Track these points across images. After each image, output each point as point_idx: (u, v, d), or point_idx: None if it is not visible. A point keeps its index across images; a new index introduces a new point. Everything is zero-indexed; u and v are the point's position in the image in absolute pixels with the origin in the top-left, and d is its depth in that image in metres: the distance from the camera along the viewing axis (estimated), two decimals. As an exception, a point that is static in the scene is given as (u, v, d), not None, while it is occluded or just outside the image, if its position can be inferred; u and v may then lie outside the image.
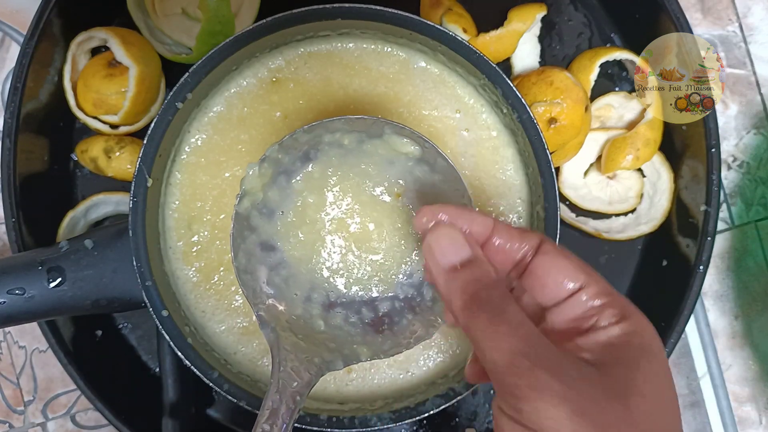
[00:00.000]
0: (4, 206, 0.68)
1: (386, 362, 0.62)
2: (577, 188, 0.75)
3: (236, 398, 0.58)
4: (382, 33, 0.62)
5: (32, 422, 0.79)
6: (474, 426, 0.75)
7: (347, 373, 0.62)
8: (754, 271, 0.78)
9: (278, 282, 0.48)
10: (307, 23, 0.60)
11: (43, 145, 0.74)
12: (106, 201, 0.73)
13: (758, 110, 0.79)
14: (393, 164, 0.49)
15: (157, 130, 0.58)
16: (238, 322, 0.62)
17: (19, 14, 0.81)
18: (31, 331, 0.79)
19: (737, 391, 0.78)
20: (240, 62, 0.62)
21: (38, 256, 0.59)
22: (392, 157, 0.48)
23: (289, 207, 0.49)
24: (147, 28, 0.72)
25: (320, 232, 0.49)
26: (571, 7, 0.77)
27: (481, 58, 0.59)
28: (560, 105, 0.67)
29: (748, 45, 0.80)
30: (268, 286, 0.47)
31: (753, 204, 0.79)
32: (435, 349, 0.63)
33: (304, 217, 0.49)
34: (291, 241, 0.49)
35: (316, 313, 0.48)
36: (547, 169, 0.59)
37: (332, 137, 0.48)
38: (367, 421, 0.58)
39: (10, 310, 0.58)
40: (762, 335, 0.78)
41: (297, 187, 0.49)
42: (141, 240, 0.58)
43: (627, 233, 0.73)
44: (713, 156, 0.68)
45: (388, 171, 0.49)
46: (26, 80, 0.68)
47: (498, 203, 0.63)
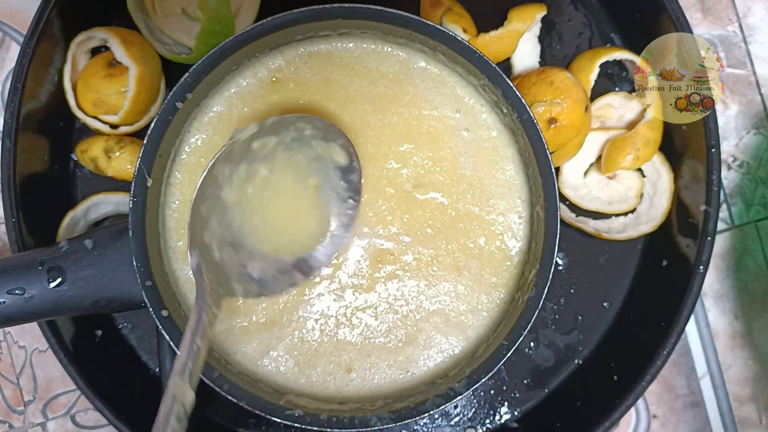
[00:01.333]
0: (4, 206, 0.68)
1: (386, 362, 0.63)
2: (577, 188, 0.75)
3: (236, 398, 0.58)
4: (382, 33, 0.62)
5: (32, 422, 0.79)
6: (474, 426, 0.75)
7: (347, 372, 0.62)
8: (754, 271, 0.78)
9: (218, 225, 0.56)
10: (307, 23, 0.60)
11: (43, 145, 0.74)
12: (106, 201, 0.73)
13: (758, 110, 0.79)
14: (321, 162, 0.59)
15: (157, 130, 0.58)
16: (237, 321, 0.62)
17: (19, 14, 0.81)
18: (31, 331, 0.79)
19: (737, 392, 0.78)
20: (240, 62, 0.62)
21: (38, 256, 0.59)
22: (323, 156, 0.59)
23: (245, 169, 0.57)
24: (147, 28, 0.72)
25: (260, 196, 0.58)
26: (571, 7, 0.77)
27: (481, 58, 0.59)
28: (560, 105, 0.67)
29: (748, 45, 0.80)
30: (212, 227, 0.55)
31: (753, 204, 0.79)
32: (435, 349, 0.63)
33: (253, 179, 0.58)
34: (240, 196, 0.57)
35: (227, 252, 0.57)
36: (547, 169, 0.59)
37: (296, 129, 0.57)
38: (367, 420, 0.58)
39: (10, 310, 0.58)
40: (762, 335, 0.78)
41: (258, 154, 0.57)
42: (141, 240, 0.58)
43: (627, 233, 0.73)
44: (713, 156, 0.68)
45: (315, 165, 0.59)
46: (26, 80, 0.68)
47: (498, 203, 0.63)
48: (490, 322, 0.63)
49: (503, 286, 0.63)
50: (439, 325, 0.63)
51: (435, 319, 0.63)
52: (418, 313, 0.63)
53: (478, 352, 0.62)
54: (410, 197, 0.63)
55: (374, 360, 0.62)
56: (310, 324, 0.62)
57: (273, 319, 0.62)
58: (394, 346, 0.63)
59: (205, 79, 0.59)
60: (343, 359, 0.62)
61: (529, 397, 0.75)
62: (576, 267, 0.76)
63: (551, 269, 0.58)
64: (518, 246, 0.63)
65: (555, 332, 0.76)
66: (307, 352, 0.62)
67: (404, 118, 0.63)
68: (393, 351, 0.63)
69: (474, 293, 0.63)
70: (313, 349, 0.62)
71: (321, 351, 0.62)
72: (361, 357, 0.62)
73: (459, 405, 0.75)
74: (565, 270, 0.76)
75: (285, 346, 0.62)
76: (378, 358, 0.62)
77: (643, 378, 0.67)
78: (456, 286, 0.63)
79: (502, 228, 0.63)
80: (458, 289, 0.63)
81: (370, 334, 0.63)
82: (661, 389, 0.78)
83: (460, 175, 0.63)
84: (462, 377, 0.59)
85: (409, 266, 0.63)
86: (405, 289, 0.63)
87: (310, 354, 0.62)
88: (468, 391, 0.58)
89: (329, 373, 0.62)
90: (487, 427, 0.75)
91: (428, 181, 0.63)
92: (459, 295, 0.63)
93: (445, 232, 0.63)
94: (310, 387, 0.62)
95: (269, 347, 0.62)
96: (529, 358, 0.75)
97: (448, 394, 0.59)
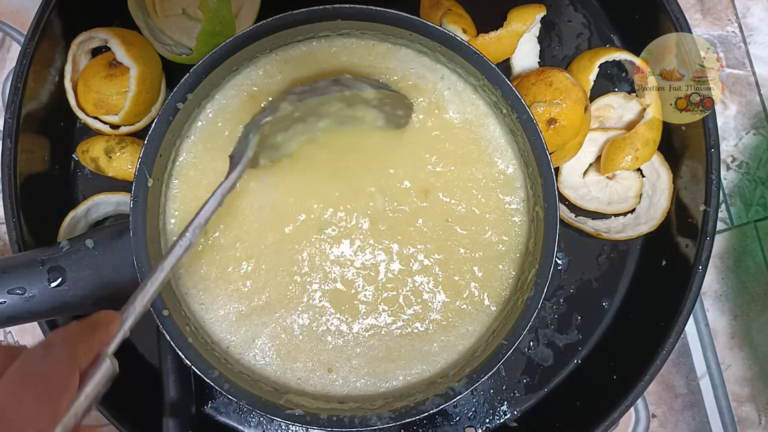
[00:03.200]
0: (5, 206, 0.68)
1: (365, 368, 0.63)
2: (576, 188, 0.75)
3: (236, 398, 0.58)
4: (382, 34, 0.62)
5: (33, 422, 0.79)
6: (474, 426, 0.75)
7: (328, 372, 0.62)
8: (754, 271, 0.78)
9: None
10: (307, 24, 0.60)
11: (44, 145, 0.74)
12: (107, 201, 0.73)
13: (757, 110, 0.79)
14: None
15: (157, 130, 0.58)
16: (237, 317, 0.62)
17: (19, 14, 0.81)
18: (32, 331, 0.79)
19: (737, 391, 0.78)
20: (240, 63, 0.62)
21: (39, 255, 0.60)
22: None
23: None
24: (148, 28, 0.73)
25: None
26: (570, 8, 0.77)
27: (481, 58, 0.59)
28: (559, 105, 0.67)
29: (748, 45, 0.80)
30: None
31: (752, 204, 0.79)
32: (434, 349, 0.63)
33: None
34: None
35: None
36: (546, 169, 0.59)
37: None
38: (367, 420, 0.59)
39: (10, 310, 0.58)
40: (761, 335, 0.78)
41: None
42: (141, 240, 0.58)
43: (626, 233, 0.73)
44: (712, 156, 0.68)
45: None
46: (27, 80, 0.68)
47: (497, 203, 0.63)
48: (490, 321, 0.63)
49: (503, 285, 0.63)
50: (439, 324, 0.63)
51: (435, 317, 0.63)
52: (417, 312, 0.63)
53: (477, 351, 0.62)
54: (412, 201, 0.63)
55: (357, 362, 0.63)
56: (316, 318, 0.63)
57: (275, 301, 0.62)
58: (385, 351, 0.63)
59: (206, 79, 0.59)
60: (324, 358, 0.63)
61: (529, 397, 0.75)
62: (575, 267, 0.76)
63: (551, 269, 0.59)
64: (518, 246, 0.63)
65: (554, 332, 0.76)
66: (320, 342, 0.63)
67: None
68: (392, 350, 0.63)
69: (474, 292, 0.63)
70: (330, 344, 0.63)
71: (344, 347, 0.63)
72: (340, 359, 0.63)
73: (458, 404, 0.75)
74: (565, 270, 0.76)
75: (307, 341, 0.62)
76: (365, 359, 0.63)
77: (642, 378, 0.67)
78: (456, 285, 0.63)
79: (502, 228, 0.63)
80: (458, 288, 0.63)
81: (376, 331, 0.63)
82: (661, 389, 0.79)
83: (461, 176, 0.63)
84: (461, 377, 0.59)
85: (410, 264, 0.63)
86: (405, 287, 0.63)
87: (328, 348, 0.63)
88: (467, 390, 0.58)
89: (310, 369, 0.63)
90: (486, 427, 0.75)
91: (430, 184, 0.63)
92: (459, 294, 0.63)
93: (445, 232, 0.63)
94: (339, 383, 0.63)
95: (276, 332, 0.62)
96: (528, 357, 0.76)
97: (448, 394, 0.59)
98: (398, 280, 0.63)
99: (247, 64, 0.63)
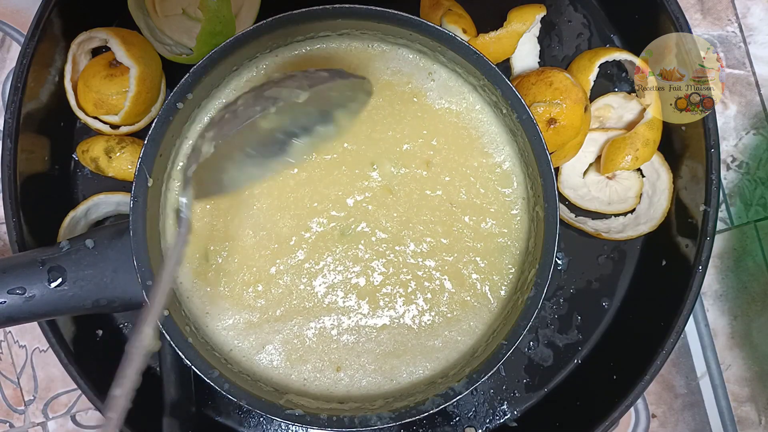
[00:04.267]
0: (5, 206, 0.68)
1: (372, 366, 0.63)
2: (576, 188, 0.75)
3: (236, 398, 0.58)
4: (382, 34, 0.62)
5: (33, 422, 0.79)
6: (474, 426, 0.75)
7: (336, 371, 0.63)
8: (754, 271, 0.78)
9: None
10: (307, 24, 0.60)
11: (44, 145, 0.74)
12: (107, 201, 0.73)
13: (757, 110, 0.79)
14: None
15: (157, 130, 0.58)
16: (241, 319, 0.62)
17: (19, 14, 0.81)
18: (32, 331, 0.79)
19: (736, 391, 0.78)
20: (240, 63, 0.62)
21: (39, 255, 0.60)
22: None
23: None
24: (148, 28, 0.73)
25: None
26: (570, 8, 0.77)
27: (481, 58, 0.59)
28: (559, 105, 0.67)
29: (748, 45, 0.80)
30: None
31: (752, 204, 0.79)
32: (439, 342, 0.63)
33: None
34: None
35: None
36: (546, 169, 0.59)
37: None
38: (367, 420, 0.59)
39: (10, 309, 0.58)
40: (761, 335, 0.78)
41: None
42: (141, 240, 0.58)
43: (626, 233, 0.73)
44: (712, 156, 0.68)
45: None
46: (27, 80, 0.68)
47: (497, 203, 0.63)
48: (490, 321, 0.63)
49: (503, 285, 0.63)
50: (439, 323, 0.63)
51: (441, 309, 0.63)
52: (417, 310, 0.63)
53: (477, 351, 0.62)
54: (411, 200, 0.63)
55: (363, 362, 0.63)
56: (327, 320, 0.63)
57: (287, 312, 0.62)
58: (393, 346, 0.63)
59: (206, 79, 0.60)
60: (335, 357, 0.63)
61: (529, 397, 0.75)
62: (575, 267, 0.76)
63: (551, 269, 0.59)
64: (518, 245, 0.63)
65: (554, 332, 0.76)
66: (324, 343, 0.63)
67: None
68: (400, 345, 0.63)
69: (473, 292, 0.63)
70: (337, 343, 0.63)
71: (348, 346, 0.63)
72: (350, 357, 0.63)
73: (458, 404, 0.75)
74: (565, 270, 0.76)
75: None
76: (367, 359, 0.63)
77: (642, 377, 0.67)
78: (460, 275, 0.63)
79: (502, 228, 0.63)
80: (458, 287, 0.63)
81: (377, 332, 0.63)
82: (661, 389, 0.79)
83: (461, 177, 0.63)
84: (461, 377, 0.59)
85: (408, 262, 0.63)
86: (419, 270, 0.63)
87: (333, 346, 0.63)
88: (467, 390, 0.58)
89: (319, 370, 0.63)
90: (486, 427, 0.75)
91: (430, 182, 0.63)
92: (463, 284, 0.63)
93: (445, 232, 0.63)
94: (342, 382, 0.63)
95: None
96: (528, 357, 0.76)
97: (448, 394, 0.59)
98: (413, 265, 0.63)
99: (247, 64, 0.63)
